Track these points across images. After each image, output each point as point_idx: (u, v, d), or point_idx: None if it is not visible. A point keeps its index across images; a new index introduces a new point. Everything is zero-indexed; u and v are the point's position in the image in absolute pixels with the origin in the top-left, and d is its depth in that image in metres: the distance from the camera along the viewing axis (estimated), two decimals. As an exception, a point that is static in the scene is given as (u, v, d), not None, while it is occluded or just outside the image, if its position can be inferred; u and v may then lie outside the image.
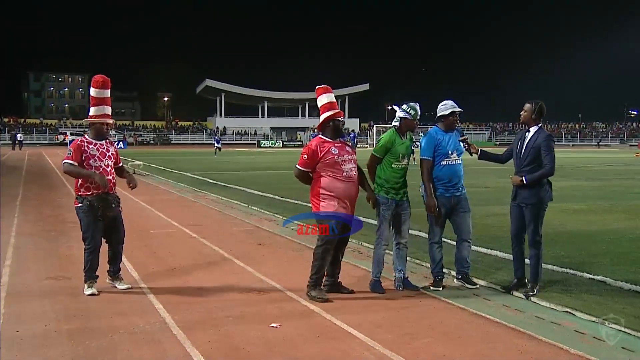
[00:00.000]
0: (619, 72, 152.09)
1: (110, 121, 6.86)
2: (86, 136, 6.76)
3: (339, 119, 6.56)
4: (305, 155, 6.42)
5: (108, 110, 6.79)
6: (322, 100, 6.60)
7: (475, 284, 6.87)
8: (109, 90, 6.83)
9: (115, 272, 6.84)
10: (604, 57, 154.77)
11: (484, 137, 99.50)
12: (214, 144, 49.55)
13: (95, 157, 6.58)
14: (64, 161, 6.55)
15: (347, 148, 6.53)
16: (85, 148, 6.57)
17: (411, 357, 4.69)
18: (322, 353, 4.78)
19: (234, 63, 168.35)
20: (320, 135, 6.56)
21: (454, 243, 7.04)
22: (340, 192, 6.31)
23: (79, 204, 6.55)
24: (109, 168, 6.73)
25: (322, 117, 6.54)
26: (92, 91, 6.77)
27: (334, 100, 6.69)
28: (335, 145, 6.42)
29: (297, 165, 6.51)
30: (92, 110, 6.74)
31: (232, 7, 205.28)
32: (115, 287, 6.75)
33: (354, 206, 6.48)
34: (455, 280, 6.92)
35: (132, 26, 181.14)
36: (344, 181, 6.32)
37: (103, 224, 6.62)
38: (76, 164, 6.49)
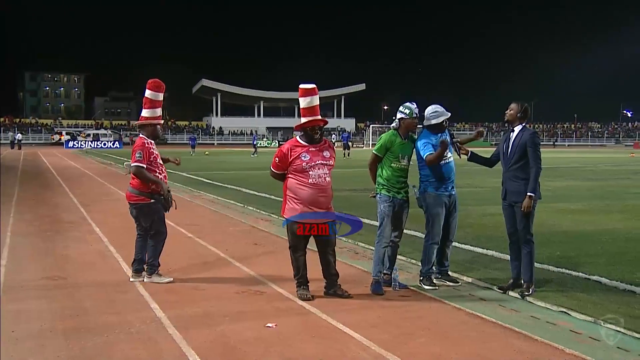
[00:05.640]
0: (614, 72, 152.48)
1: (162, 122, 7.31)
2: (145, 137, 7.05)
3: (318, 126, 6.39)
4: (276, 158, 6.39)
5: (160, 112, 7.21)
6: (303, 102, 6.45)
7: (457, 281, 6.93)
8: (163, 94, 7.18)
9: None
10: (599, 58, 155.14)
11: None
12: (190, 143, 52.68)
13: (158, 157, 7.02)
14: (135, 164, 6.78)
15: (324, 153, 6.37)
16: (152, 150, 6.96)
17: (407, 357, 4.69)
18: (318, 353, 4.77)
19: (230, 63, 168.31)
20: (297, 138, 6.49)
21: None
22: (304, 198, 6.22)
23: (152, 200, 6.91)
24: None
25: (301, 121, 6.42)
26: (148, 93, 7.07)
27: (316, 103, 6.47)
28: (309, 150, 6.31)
29: (271, 167, 6.51)
30: (147, 112, 7.10)
31: (229, 7, 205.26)
32: (143, 280, 7.02)
33: (327, 207, 6.35)
34: (434, 279, 6.90)
35: (128, 26, 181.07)
36: (309, 187, 6.21)
37: None
38: (145, 166, 6.82)
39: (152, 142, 7.05)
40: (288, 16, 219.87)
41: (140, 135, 7.11)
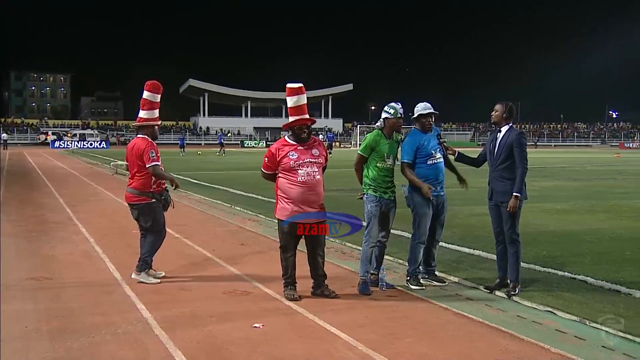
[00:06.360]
0: (600, 73, 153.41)
1: (160, 122, 7.42)
2: (146, 136, 7.14)
3: (306, 125, 6.40)
4: (266, 159, 6.41)
5: (157, 113, 7.28)
6: (290, 102, 6.43)
7: (444, 281, 6.96)
8: (160, 95, 7.28)
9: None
10: (585, 59, 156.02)
11: (467, 138, 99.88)
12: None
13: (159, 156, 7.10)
14: (153, 163, 6.91)
15: (313, 151, 6.37)
16: (156, 148, 7.09)
17: (394, 357, 4.69)
18: (305, 353, 4.78)
19: (218, 63, 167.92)
20: (285, 137, 6.50)
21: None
22: (294, 196, 6.23)
23: (153, 200, 7.03)
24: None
25: (289, 120, 6.42)
26: (146, 94, 7.16)
27: (304, 102, 6.46)
28: (297, 149, 6.31)
29: (261, 168, 6.52)
30: (145, 114, 7.18)
31: (216, 7, 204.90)
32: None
33: (319, 206, 6.37)
34: (421, 279, 6.92)
35: (115, 26, 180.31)
36: (298, 186, 6.22)
37: None
38: (160, 164, 7.01)
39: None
40: (276, 17, 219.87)
41: (140, 136, 7.16)
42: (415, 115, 6.87)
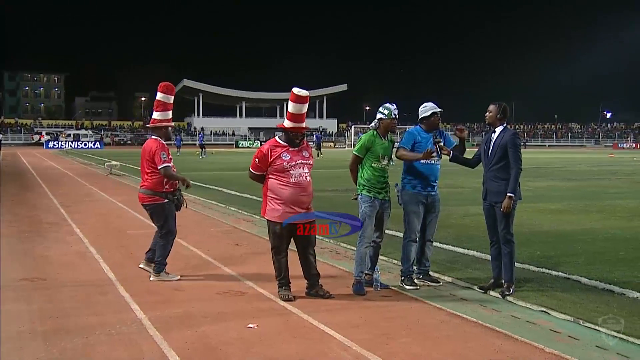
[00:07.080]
0: (594, 73, 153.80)
1: (173, 124, 7.08)
2: (158, 138, 7.17)
3: (301, 133, 6.44)
4: (256, 159, 6.40)
5: (171, 114, 7.35)
6: (293, 108, 6.37)
7: (438, 281, 6.97)
8: (173, 97, 7.37)
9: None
10: (580, 59, 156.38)
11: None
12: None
13: (171, 157, 7.12)
14: (165, 165, 6.93)
15: (304, 153, 6.42)
16: (167, 149, 7.11)
17: (388, 357, 4.70)
18: (299, 353, 4.78)
19: (212, 63, 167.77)
20: (276, 138, 6.50)
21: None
22: (286, 197, 6.24)
23: (165, 200, 7.08)
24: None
25: (284, 124, 6.41)
26: (160, 96, 7.23)
27: (305, 111, 6.43)
28: (289, 150, 6.32)
29: (250, 169, 6.50)
30: (159, 115, 7.24)
31: (210, 7, 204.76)
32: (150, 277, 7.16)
33: (308, 207, 6.40)
34: (415, 279, 6.93)
35: (109, 26, 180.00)
36: (290, 186, 6.24)
37: None
38: (171, 165, 7.04)
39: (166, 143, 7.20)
40: (270, 17, 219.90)
41: (153, 137, 7.20)
42: (419, 118, 6.89)
